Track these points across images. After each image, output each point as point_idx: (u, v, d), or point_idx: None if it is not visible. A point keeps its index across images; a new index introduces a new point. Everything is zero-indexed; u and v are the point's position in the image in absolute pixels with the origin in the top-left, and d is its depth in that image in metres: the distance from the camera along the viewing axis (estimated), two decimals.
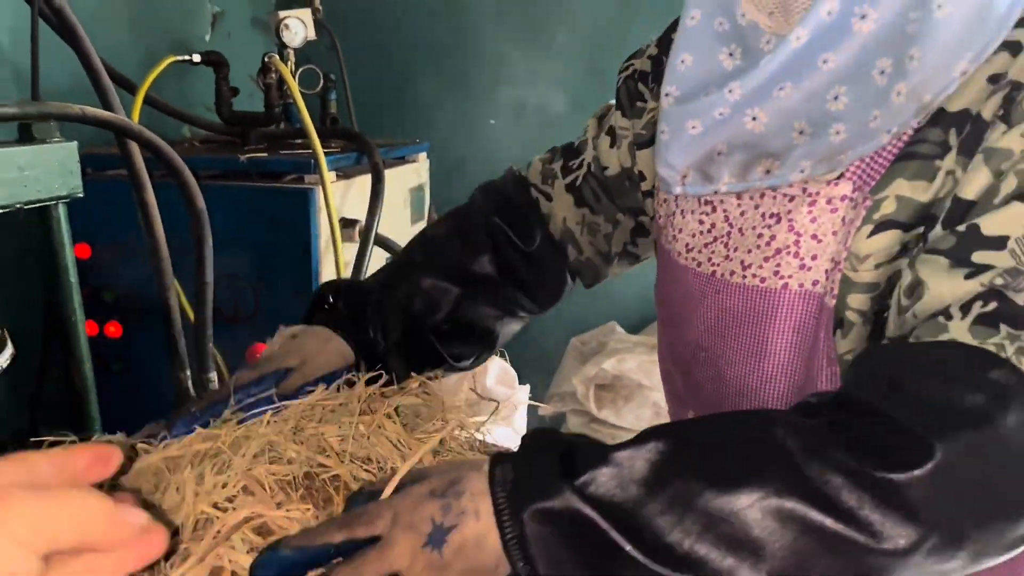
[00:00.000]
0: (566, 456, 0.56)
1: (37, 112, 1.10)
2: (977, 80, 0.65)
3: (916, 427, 0.54)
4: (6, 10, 1.77)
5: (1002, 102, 0.63)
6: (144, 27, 2.26)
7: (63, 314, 1.24)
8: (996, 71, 0.65)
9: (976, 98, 0.65)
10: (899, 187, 0.67)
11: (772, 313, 0.73)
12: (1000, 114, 0.63)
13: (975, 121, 0.65)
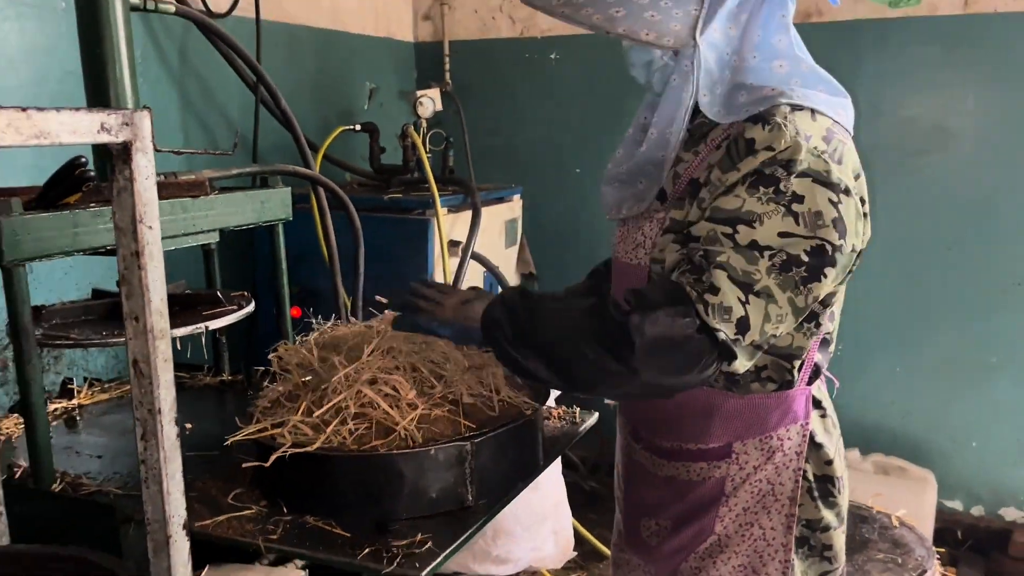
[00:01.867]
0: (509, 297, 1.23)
1: (271, 170, 1.91)
2: (698, 159, 1.20)
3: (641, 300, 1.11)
4: (236, 95, 2.65)
5: (707, 169, 1.17)
6: (322, 101, 3.13)
7: (279, 296, 2.02)
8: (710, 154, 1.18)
9: (698, 167, 1.20)
10: (672, 214, 1.21)
11: (638, 273, 1.27)
12: (709, 176, 1.17)
13: (695, 183, 1.19)
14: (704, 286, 1.07)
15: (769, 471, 1.27)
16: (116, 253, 1.03)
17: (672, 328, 1.07)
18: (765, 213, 1.09)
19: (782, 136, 1.10)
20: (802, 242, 1.09)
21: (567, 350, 1.14)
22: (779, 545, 1.28)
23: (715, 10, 1.16)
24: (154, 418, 1.06)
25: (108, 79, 1.60)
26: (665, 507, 1.32)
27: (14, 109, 0.85)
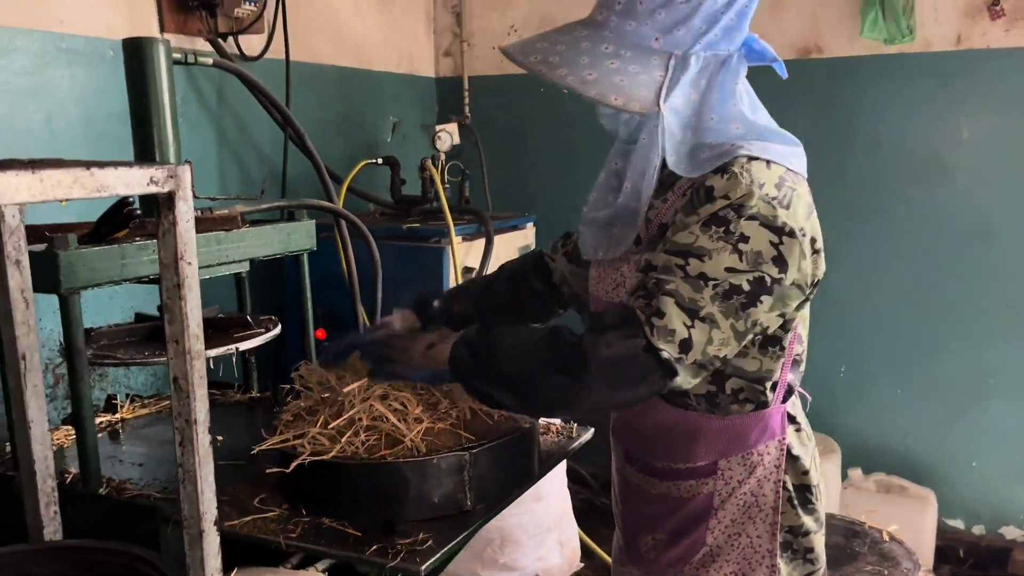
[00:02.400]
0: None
1: (297, 204, 2.09)
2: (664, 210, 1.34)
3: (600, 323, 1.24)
4: (268, 134, 2.86)
5: (674, 214, 1.29)
6: (348, 136, 3.33)
7: (303, 319, 2.20)
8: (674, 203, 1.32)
9: (667, 212, 1.32)
10: (646, 256, 1.31)
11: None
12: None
13: (664, 227, 1.31)
14: (652, 310, 1.19)
15: (752, 484, 1.38)
16: (159, 283, 1.21)
17: (622, 347, 1.18)
18: (714, 249, 1.20)
19: (738, 184, 1.22)
20: (743, 275, 1.21)
21: (527, 378, 1.25)
22: (765, 551, 1.39)
23: (678, 77, 1.26)
24: (191, 428, 1.23)
25: (152, 126, 1.79)
26: (660, 522, 1.44)
27: (80, 167, 1.03)
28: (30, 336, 1.40)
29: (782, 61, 1.37)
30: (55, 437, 1.92)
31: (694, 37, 1.26)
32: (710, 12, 1.25)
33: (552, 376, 1.22)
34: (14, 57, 2.13)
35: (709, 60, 1.28)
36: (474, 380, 1.31)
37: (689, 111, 1.29)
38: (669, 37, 1.26)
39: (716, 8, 1.25)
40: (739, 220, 1.22)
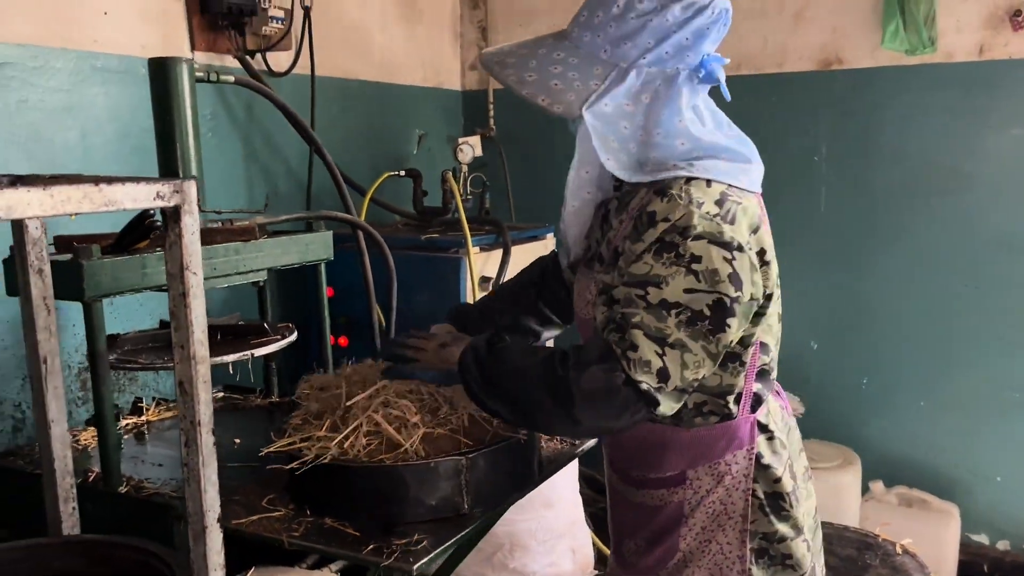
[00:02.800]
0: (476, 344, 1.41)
1: (315, 215, 2.17)
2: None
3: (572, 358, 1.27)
4: (294, 147, 2.95)
5: (623, 239, 1.33)
6: (372, 148, 3.41)
7: (320, 326, 2.28)
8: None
9: (620, 234, 1.37)
10: (602, 278, 1.38)
11: (591, 325, 1.43)
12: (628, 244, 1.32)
13: (617, 251, 1.36)
14: (626, 344, 1.24)
15: (720, 493, 1.42)
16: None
17: (604, 381, 1.24)
18: (669, 275, 1.24)
19: (677, 206, 1.26)
20: (704, 296, 1.24)
21: (525, 398, 1.33)
22: (735, 558, 1.43)
23: (612, 88, 1.32)
24: (195, 429, 1.29)
25: (176, 141, 1.88)
26: (639, 528, 1.49)
27: (89, 183, 1.11)
28: (51, 341, 1.48)
29: (726, 86, 1.39)
30: (83, 437, 2.02)
31: (640, 51, 1.31)
32: (660, 29, 1.29)
33: (546, 402, 1.30)
34: (51, 75, 2.24)
35: (655, 75, 1.32)
36: (477, 390, 1.38)
37: (626, 122, 1.33)
38: (617, 50, 1.33)
39: (667, 26, 1.29)
40: (686, 242, 1.25)
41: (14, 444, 2.16)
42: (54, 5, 2.24)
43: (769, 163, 1.70)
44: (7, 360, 2.18)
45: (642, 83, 1.32)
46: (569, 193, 1.45)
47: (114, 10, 2.39)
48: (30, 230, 1.42)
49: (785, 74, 3.33)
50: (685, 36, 1.30)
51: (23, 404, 2.22)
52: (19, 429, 2.22)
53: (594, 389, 1.25)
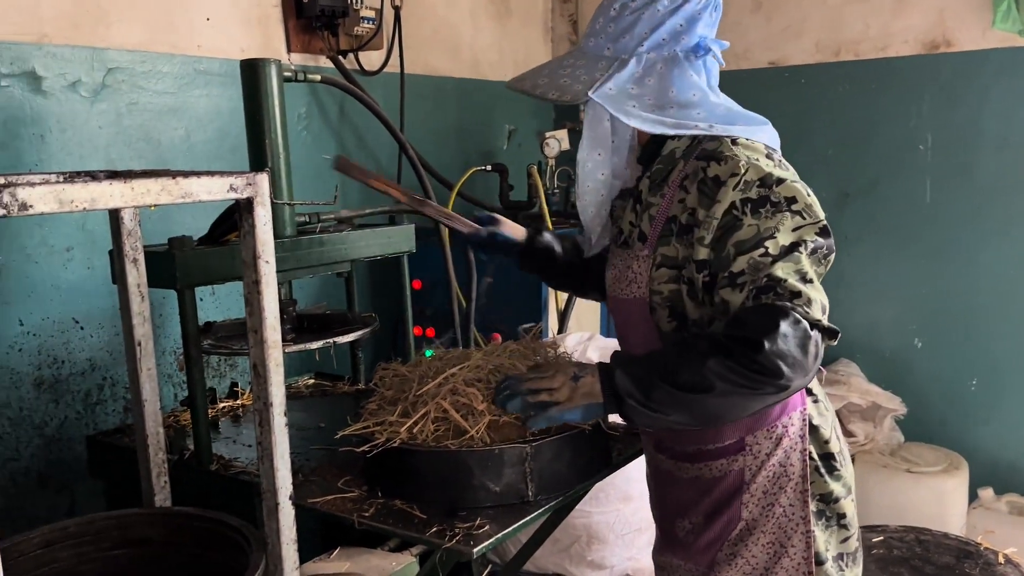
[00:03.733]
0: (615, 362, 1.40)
1: (398, 209, 2.23)
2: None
3: (752, 336, 1.22)
4: (383, 142, 3.03)
5: (684, 210, 1.38)
6: (462, 144, 3.48)
7: (403, 317, 2.35)
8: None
9: (668, 206, 1.41)
10: (662, 251, 1.41)
11: (635, 305, 1.47)
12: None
13: (674, 221, 1.39)
14: (786, 295, 1.25)
15: (779, 455, 1.44)
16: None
17: (797, 337, 1.23)
18: (776, 223, 1.31)
19: (738, 162, 1.34)
20: (811, 227, 1.32)
21: (703, 399, 1.27)
22: (799, 519, 1.44)
23: (615, 74, 1.45)
24: (268, 410, 1.37)
25: (265, 138, 1.97)
26: (694, 505, 1.49)
27: (167, 176, 1.19)
28: (145, 326, 1.59)
29: (721, 44, 1.48)
30: (183, 418, 2.15)
31: (637, 41, 1.44)
32: (653, 18, 1.42)
33: (741, 391, 1.25)
34: (158, 79, 2.40)
35: (654, 59, 1.44)
36: (644, 409, 1.33)
37: (638, 102, 1.44)
38: (617, 44, 1.46)
39: (659, 15, 1.42)
40: (773, 189, 1.33)
41: (124, 423, 2.32)
42: (162, 13, 2.39)
43: (870, 152, 1.71)
44: (119, 345, 2.34)
45: (644, 68, 1.44)
46: (582, 174, 1.52)
47: (216, 16, 2.53)
48: (125, 222, 1.53)
49: (888, 59, 3.19)
50: (678, 22, 1.42)
51: None
52: (129, 409, 2.39)
53: (790, 349, 1.22)
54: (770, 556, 1.45)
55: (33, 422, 2.17)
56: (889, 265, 3.30)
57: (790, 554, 1.44)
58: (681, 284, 1.40)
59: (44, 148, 2.14)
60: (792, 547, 1.44)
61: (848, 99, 3.29)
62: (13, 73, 2.07)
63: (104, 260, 2.23)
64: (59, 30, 2.16)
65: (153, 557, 1.51)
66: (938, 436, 3.20)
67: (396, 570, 2.12)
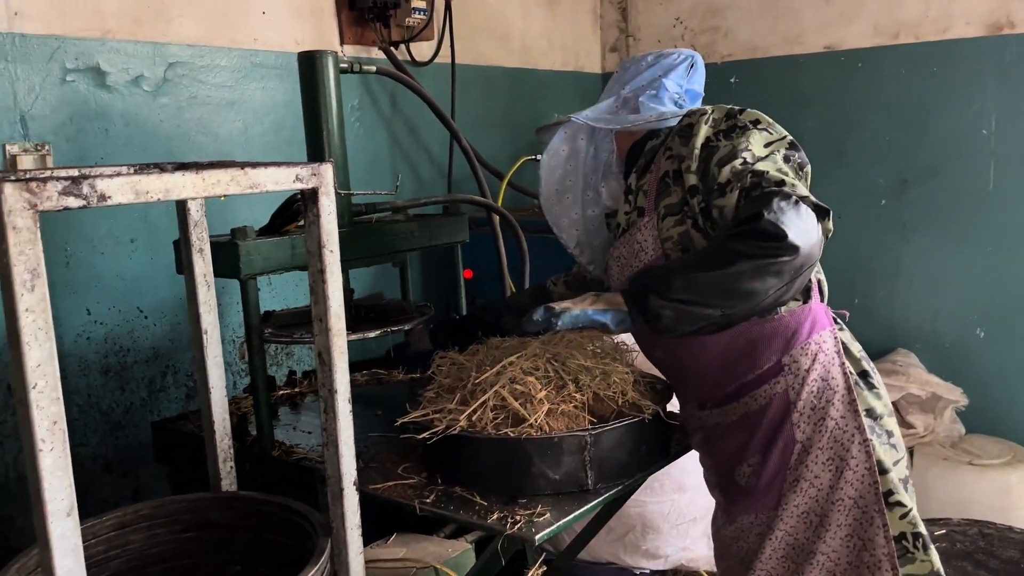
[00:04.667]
0: None
1: (452, 199, 2.25)
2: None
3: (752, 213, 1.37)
4: (435, 134, 3.05)
5: (674, 163, 1.58)
6: (512, 133, 3.47)
7: (456, 306, 2.36)
8: None
9: (659, 172, 1.60)
10: (663, 203, 1.54)
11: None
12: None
13: (666, 177, 1.58)
14: (772, 182, 1.41)
15: (819, 370, 1.50)
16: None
17: (789, 205, 1.37)
18: (746, 139, 1.49)
19: (704, 109, 1.58)
20: (781, 142, 1.51)
21: (725, 274, 1.39)
22: (852, 429, 1.48)
23: (594, 106, 1.74)
24: (333, 397, 1.39)
25: (322, 129, 1.99)
26: (748, 445, 1.55)
27: (236, 167, 1.21)
28: (211, 314, 1.62)
29: (693, 95, 1.75)
30: (246, 404, 2.19)
31: (620, 86, 1.75)
32: (634, 70, 1.74)
33: (754, 257, 1.37)
34: (217, 73, 2.44)
35: (629, 97, 1.71)
36: (668, 299, 1.41)
37: (607, 111, 1.71)
38: (606, 93, 1.78)
39: (641, 67, 1.73)
40: (738, 116, 1.53)
41: (187, 409, 2.38)
42: (219, 7, 2.43)
43: (931, 137, 1.69)
44: (180, 334, 2.40)
45: (619, 102, 1.72)
46: (555, 228, 1.89)
47: (272, 10, 2.56)
48: (192, 213, 1.57)
49: (949, 41, 3.10)
50: (656, 73, 1.70)
51: (194, 374, 2.44)
52: (191, 397, 2.44)
53: (786, 215, 1.36)
54: (832, 472, 1.49)
55: (100, 408, 2.24)
56: (950, 253, 3.21)
57: (851, 465, 1.48)
58: (686, 221, 1.54)
59: (109, 142, 2.20)
60: (852, 458, 1.48)
61: (907, 83, 3.21)
62: (79, 68, 2.13)
63: (165, 251, 2.30)
64: (122, 26, 2.21)
65: (221, 540, 1.55)
66: (1001, 428, 3.12)
67: (452, 557, 2.15)
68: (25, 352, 0.95)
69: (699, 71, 1.74)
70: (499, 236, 2.49)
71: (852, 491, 1.48)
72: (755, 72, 3.48)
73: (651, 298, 1.42)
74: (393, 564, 2.06)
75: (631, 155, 1.73)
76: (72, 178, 0.99)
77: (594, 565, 2.43)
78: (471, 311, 2.16)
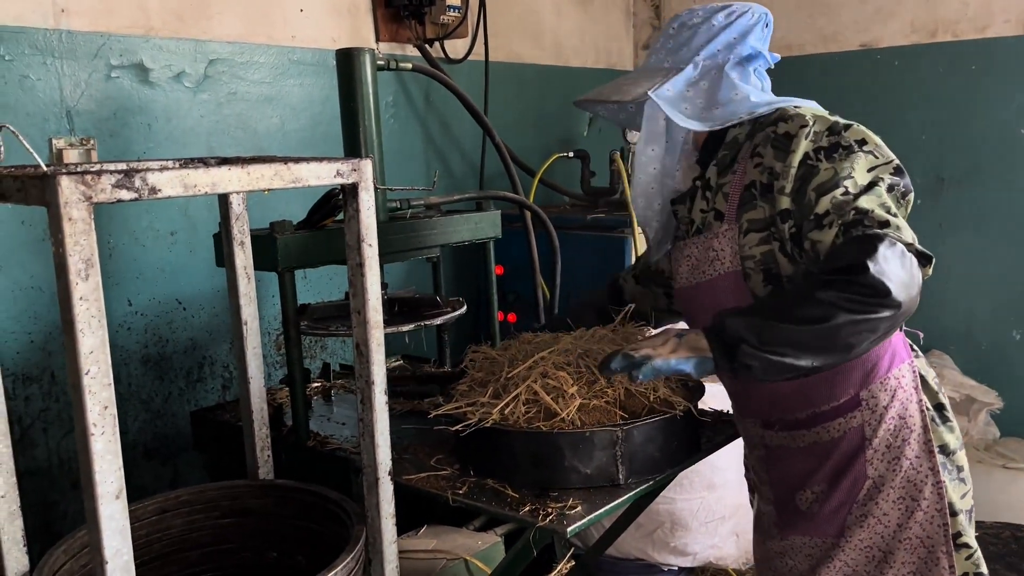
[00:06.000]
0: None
1: (485, 195, 2.27)
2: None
3: (854, 261, 1.25)
4: (468, 131, 3.07)
5: (762, 172, 1.45)
6: (544, 130, 3.49)
7: (488, 301, 2.38)
8: None
9: (743, 177, 1.46)
10: (747, 216, 1.45)
11: (720, 282, 1.51)
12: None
13: (752, 186, 1.46)
14: (875, 225, 1.29)
15: (897, 407, 1.45)
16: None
17: (896, 255, 1.27)
18: (850, 164, 1.36)
19: (804, 116, 1.43)
20: (886, 167, 1.38)
21: (822, 328, 1.27)
22: (927, 470, 1.44)
23: (671, 79, 1.54)
24: (369, 388, 1.41)
25: (359, 125, 2.02)
26: (815, 472, 1.50)
27: (279, 163, 1.24)
28: (250, 306, 1.66)
29: (772, 57, 1.61)
30: (281, 395, 2.23)
31: (693, 52, 1.54)
32: (708, 31, 1.54)
33: (853, 316, 1.26)
34: (255, 70, 2.48)
35: (710, 66, 1.54)
36: (758, 351, 1.30)
37: (690, 104, 1.53)
38: (675, 57, 1.57)
39: (715, 28, 1.53)
40: (843, 134, 1.40)
41: (223, 399, 2.43)
42: (258, 5, 2.47)
43: (968, 137, 1.67)
44: (218, 326, 2.45)
45: (699, 73, 1.53)
46: (637, 167, 1.61)
47: (309, 7, 2.60)
48: (233, 206, 1.60)
49: (988, 39, 3.06)
50: (732, 35, 1.53)
51: (230, 365, 2.49)
52: (227, 387, 2.49)
53: (892, 268, 1.26)
54: (902, 511, 1.46)
55: (140, 397, 2.29)
56: (987, 254, 3.17)
57: (923, 507, 1.45)
58: (772, 242, 1.45)
59: (151, 137, 2.25)
60: (924, 499, 1.44)
61: (945, 82, 3.17)
62: (123, 65, 2.18)
63: (204, 244, 2.34)
64: (165, 23, 2.26)
65: (258, 526, 1.58)
66: None
67: (482, 549, 2.17)
68: (79, 339, 0.99)
69: (771, 29, 1.58)
70: (531, 233, 2.51)
71: (920, 531, 1.45)
72: (791, 70, 3.45)
73: (741, 348, 1.30)
74: (424, 555, 2.09)
75: (710, 138, 1.58)
76: (124, 172, 1.02)
77: (622, 561, 2.44)
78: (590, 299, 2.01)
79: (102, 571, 1.03)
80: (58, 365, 2.10)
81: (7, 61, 1.97)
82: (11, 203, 1.07)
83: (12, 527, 1.38)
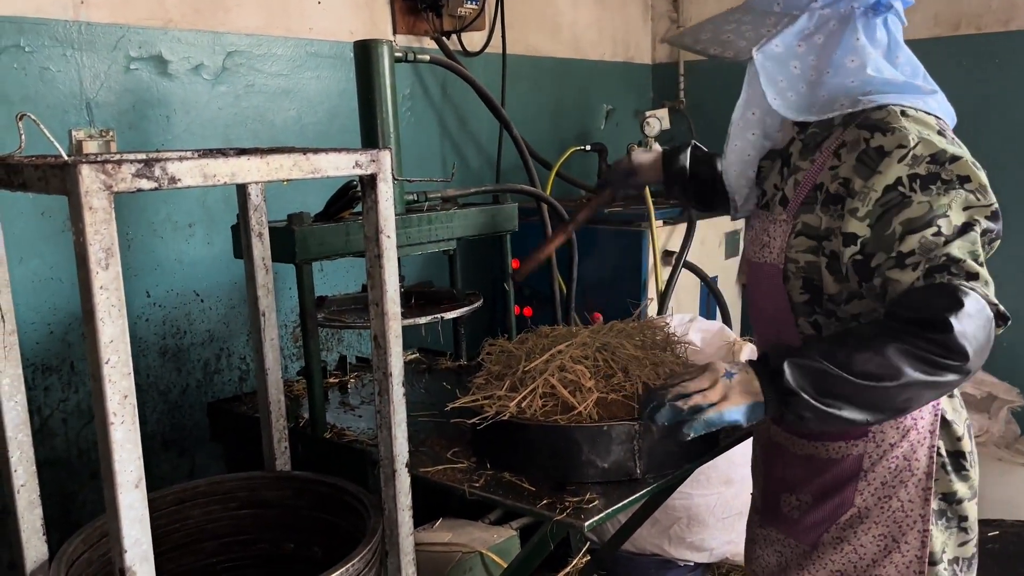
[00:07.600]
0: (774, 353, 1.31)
1: (501, 188, 2.26)
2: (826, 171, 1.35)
3: (936, 317, 1.14)
4: (485, 123, 3.06)
5: (835, 178, 1.31)
6: (559, 124, 3.47)
7: (504, 295, 2.38)
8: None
9: (818, 173, 1.35)
10: (804, 218, 1.36)
11: (767, 270, 1.43)
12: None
13: (821, 188, 1.33)
14: (963, 276, 1.18)
15: (905, 448, 1.38)
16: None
17: (981, 319, 1.17)
18: (949, 201, 1.22)
19: (906, 135, 1.25)
20: (983, 209, 1.24)
21: (890, 387, 1.18)
22: (917, 516, 1.39)
23: (783, 30, 1.36)
24: (387, 379, 1.41)
25: (377, 117, 2.02)
26: (805, 483, 1.47)
27: (298, 153, 1.24)
28: (268, 297, 1.66)
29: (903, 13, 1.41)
30: (297, 388, 2.24)
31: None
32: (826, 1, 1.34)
33: (923, 377, 1.17)
34: (272, 62, 2.48)
35: (828, 16, 1.35)
36: (816, 403, 1.21)
37: (796, 61, 1.35)
38: (788, 0, 1.38)
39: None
40: (946, 166, 1.24)
41: (240, 391, 2.43)
42: None
43: (992, 132, 1.64)
44: (235, 317, 2.45)
45: (815, 24, 1.35)
46: (733, 131, 1.47)
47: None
48: (252, 198, 1.60)
49: (1012, 32, 3.02)
50: None
51: (247, 357, 2.50)
52: (244, 379, 2.50)
53: (975, 331, 1.16)
54: (880, 549, 1.41)
55: (158, 389, 2.30)
56: (1009, 249, 3.11)
57: (902, 550, 1.40)
58: (820, 256, 1.35)
59: (169, 128, 2.25)
60: (905, 543, 1.40)
61: (968, 75, 3.13)
62: (142, 57, 2.18)
63: (222, 236, 2.35)
64: (183, 15, 2.26)
65: (275, 518, 1.59)
66: None
67: (497, 543, 2.17)
68: (99, 328, 0.99)
69: None
70: (548, 226, 2.50)
71: (895, 572, 1.40)
72: None
73: (799, 399, 1.21)
74: (439, 548, 2.09)
75: None
76: (144, 161, 1.02)
77: (638, 556, 2.43)
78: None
79: (121, 560, 1.04)
80: (77, 356, 2.12)
81: (28, 53, 1.98)
82: (32, 192, 1.07)
83: (31, 516, 1.39)
